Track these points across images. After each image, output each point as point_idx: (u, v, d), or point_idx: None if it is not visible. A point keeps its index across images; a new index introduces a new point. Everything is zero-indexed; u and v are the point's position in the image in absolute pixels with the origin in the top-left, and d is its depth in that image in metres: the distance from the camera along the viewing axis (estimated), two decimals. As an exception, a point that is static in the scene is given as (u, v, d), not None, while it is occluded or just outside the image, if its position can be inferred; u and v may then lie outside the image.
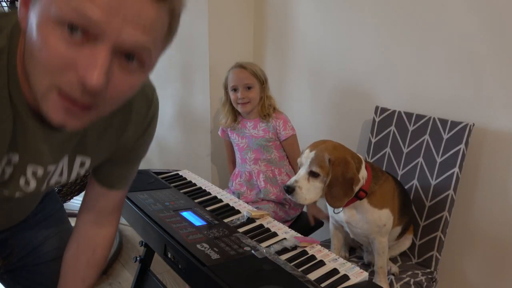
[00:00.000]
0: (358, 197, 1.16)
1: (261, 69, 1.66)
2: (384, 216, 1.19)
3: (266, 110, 1.64)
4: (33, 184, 0.67)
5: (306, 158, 1.14)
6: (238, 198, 1.63)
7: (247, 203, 1.59)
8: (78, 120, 0.54)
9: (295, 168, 1.66)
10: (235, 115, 1.70)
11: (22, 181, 0.66)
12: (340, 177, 1.09)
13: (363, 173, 1.15)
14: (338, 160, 1.10)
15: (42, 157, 0.64)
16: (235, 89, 1.62)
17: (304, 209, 1.72)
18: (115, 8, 0.47)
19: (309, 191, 1.12)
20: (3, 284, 0.98)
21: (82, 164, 0.72)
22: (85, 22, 0.47)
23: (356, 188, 1.13)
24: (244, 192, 1.68)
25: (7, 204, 0.74)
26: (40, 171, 0.66)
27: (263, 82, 1.65)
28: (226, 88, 1.68)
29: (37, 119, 0.58)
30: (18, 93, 0.55)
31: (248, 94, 1.61)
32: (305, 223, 1.66)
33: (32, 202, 0.86)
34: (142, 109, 0.73)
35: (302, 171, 1.14)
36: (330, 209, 1.28)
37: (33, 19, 0.49)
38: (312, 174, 1.12)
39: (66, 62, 0.48)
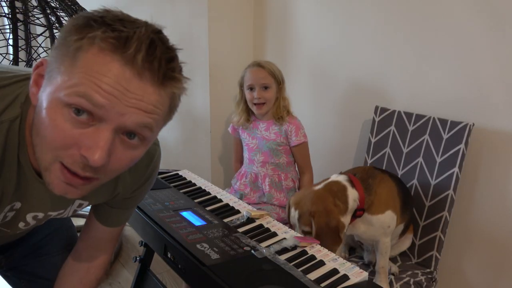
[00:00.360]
0: (357, 216, 1.17)
1: (279, 69, 1.62)
2: (387, 218, 1.19)
3: (281, 112, 1.61)
4: (32, 223, 0.72)
5: (293, 218, 1.17)
6: (241, 199, 1.63)
7: (249, 204, 1.59)
8: (78, 190, 0.58)
9: (301, 176, 1.67)
10: (249, 114, 1.67)
11: (21, 224, 0.71)
12: (324, 228, 1.10)
13: (354, 196, 1.16)
14: (319, 212, 1.11)
15: (45, 207, 0.70)
16: (251, 88, 1.58)
17: None
18: (119, 95, 0.51)
19: None
20: (8, 281, 0.98)
21: (80, 205, 0.77)
22: (92, 107, 0.51)
23: (345, 219, 1.14)
24: (248, 194, 1.66)
25: (10, 233, 0.78)
26: (40, 215, 0.71)
27: (280, 83, 1.61)
28: (241, 86, 1.64)
29: (41, 179, 0.62)
30: (25, 158, 0.60)
31: (265, 95, 1.57)
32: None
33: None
34: (141, 164, 0.75)
35: (299, 232, 1.16)
36: None
37: (43, 99, 0.54)
38: (306, 233, 1.14)
39: (71, 141, 0.53)
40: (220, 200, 1.13)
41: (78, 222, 2.45)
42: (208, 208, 1.05)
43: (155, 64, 0.53)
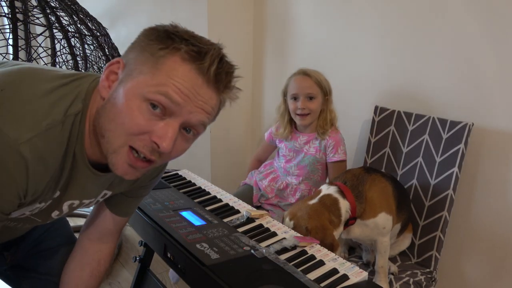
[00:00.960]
0: (349, 224, 1.18)
1: (326, 79, 1.53)
2: (381, 220, 1.20)
3: (326, 125, 1.52)
4: (65, 212, 0.79)
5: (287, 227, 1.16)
6: (260, 197, 1.60)
7: (262, 204, 1.55)
8: (137, 172, 0.68)
9: None
10: (292, 126, 1.59)
11: (55, 214, 0.78)
12: (320, 244, 1.10)
13: (346, 207, 1.16)
14: (315, 229, 1.10)
15: (82, 195, 0.77)
16: (295, 98, 1.49)
17: None
18: (192, 97, 0.64)
19: None
20: (7, 282, 0.98)
21: (104, 195, 0.84)
22: (169, 103, 0.63)
23: (337, 232, 1.14)
24: (271, 198, 1.62)
25: (40, 222, 0.82)
26: (76, 203, 0.78)
27: (326, 93, 1.51)
28: (285, 95, 1.56)
29: (90, 168, 0.72)
30: (81, 148, 0.68)
31: (310, 105, 1.48)
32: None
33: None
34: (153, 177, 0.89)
35: None
36: None
37: (120, 93, 0.64)
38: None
39: (145, 129, 0.64)
40: (220, 200, 1.13)
41: (78, 222, 2.45)
42: (208, 208, 1.05)
43: (222, 76, 0.67)
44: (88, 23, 1.68)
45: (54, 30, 1.55)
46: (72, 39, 1.58)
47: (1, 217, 0.63)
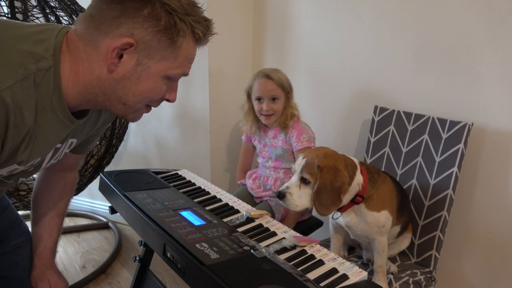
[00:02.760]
0: (355, 202, 1.16)
1: (287, 77, 1.62)
2: (382, 218, 1.19)
3: (287, 120, 1.61)
4: (44, 165, 0.85)
5: (298, 165, 1.14)
6: (252, 195, 1.68)
7: (263, 197, 1.60)
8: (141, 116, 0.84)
9: None
10: (259, 123, 1.69)
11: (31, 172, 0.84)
12: (328, 185, 1.08)
13: (359, 179, 1.15)
14: (327, 167, 1.09)
15: (55, 142, 0.82)
16: (259, 99, 1.59)
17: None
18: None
19: (300, 198, 1.11)
20: None
21: (70, 144, 0.91)
22: (182, 76, 0.82)
23: (347, 197, 1.13)
24: (259, 192, 1.69)
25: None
26: (50, 155, 0.84)
27: (288, 92, 1.61)
28: (249, 95, 1.64)
29: (71, 118, 0.78)
30: (59, 101, 0.73)
31: (273, 106, 1.57)
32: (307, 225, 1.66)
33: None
34: (107, 118, 0.99)
35: (294, 178, 1.14)
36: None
37: (144, 75, 0.75)
38: (303, 181, 1.12)
39: (163, 96, 0.82)
40: (220, 200, 1.13)
41: (78, 221, 2.45)
42: (207, 208, 1.05)
43: (207, 39, 0.83)
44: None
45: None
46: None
47: None
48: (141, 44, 0.72)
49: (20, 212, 2.15)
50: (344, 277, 0.79)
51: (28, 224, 1.08)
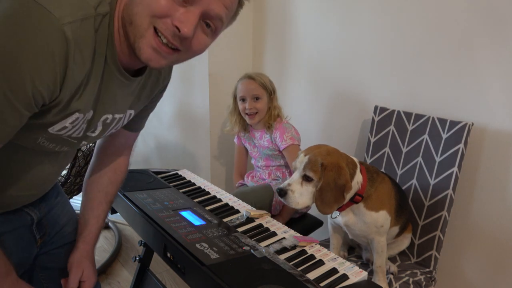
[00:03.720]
0: (354, 201, 1.15)
1: (270, 80, 1.69)
2: (381, 218, 1.19)
3: (271, 120, 1.67)
4: (99, 129, 0.82)
5: (300, 162, 1.13)
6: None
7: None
8: (161, 59, 0.70)
9: None
10: (245, 124, 1.75)
11: (90, 133, 0.80)
12: (331, 183, 1.08)
13: (358, 178, 1.14)
14: (331, 165, 1.09)
15: (116, 108, 0.80)
16: (243, 99, 1.66)
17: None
18: None
19: (301, 196, 1.10)
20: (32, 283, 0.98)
21: (129, 116, 0.89)
22: None
23: (348, 196, 1.12)
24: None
25: (55, 158, 0.85)
26: (109, 118, 0.81)
27: (271, 93, 1.68)
28: (235, 97, 1.72)
29: (122, 71, 0.74)
30: (112, 51, 0.70)
31: (256, 105, 1.64)
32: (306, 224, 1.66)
33: (67, 162, 0.96)
34: (166, 75, 0.95)
35: (296, 175, 1.13)
36: None
37: None
38: (306, 178, 1.11)
39: (167, 12, 0.66)
40: (220, 200, 1.13)
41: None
42: (207, 208, 1.05)
43: None
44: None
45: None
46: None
47: (28, 107, 0.60)
48: None
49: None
50: (344, 277, 0.79)
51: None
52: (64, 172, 1.66)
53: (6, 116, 0.59)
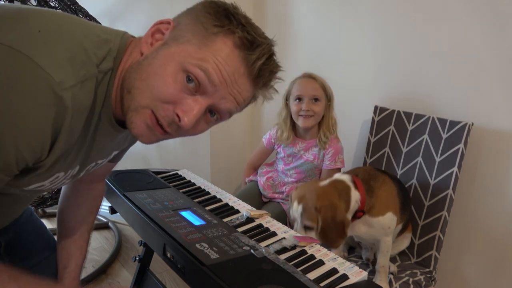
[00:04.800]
0: (356, 217, 1.17)
1: (329, 86, 1.55)
2: (388, 220, 1.20)
3: (329, 132, 1.52)
4: (81, 175, 0.77)
5: (296, 212, 1.15)
6: (261, 194, 1.65)
7: (275, 199, 1.60)
8: (153, 136, 0.66)
9: None
10: (293, 132, 1.59)
11: (69, 181, 0.75)
12: (330, 222, 1.10)
13: (355, 197, 1.15)
14: (325, 207, 1.10)
15: (102, 154, 0.76)
16: (299, 99, 1.48)
17: None
18: (229, 82, 0.63)
19: None
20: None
21: (113, 155, 0.85)
22: (206, 81, 0.61)
23: (353, 209, 1.14)
24: (269, 192, 1.67)
25: (29, 195, 0.81)
26: (92, 166, 0.77)
27: (329, 99, 1.52)
28: (287, 99, 1.55)
29: (116, 126, 0.69)
30: (108, 107, 0.66)
31: (314, 107, 1.47)
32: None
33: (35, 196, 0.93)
34: None
35: (298, 227, 1.15)
36: None
37: (161, 55, 0.62)
38: (307, 228, 1.13)
39: (172, 99, 0.62)
40: (220, 200, 1.12)
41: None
42: (207, 208, 1.05)
43: (265, 73, 0.67)
44: (88, 23, 1.67)
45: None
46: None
47: (9, 172, 0.54)
48: (177, 26, 0.64)
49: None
50: (344, 277, 0.79)
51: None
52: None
53: None
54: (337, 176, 1.21)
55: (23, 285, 0.62)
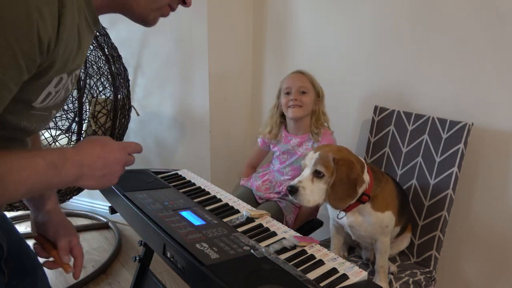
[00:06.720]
0: (361, 201, 1.15)
1: (320, 85, 1.58)
2: (386, 218, 1.19)
3: (320, 124, 1.54)
4: (70, 88, 0.76)
5: (310, 159, 1.12)
6: (255, 197, 1.64)
7: (271, 198, 1.59)
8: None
9: None
10: (280, 128, 1.62)
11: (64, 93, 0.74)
12: (344, 178, 1.08)
13: (366, 177, 1.14)
14: (343, 160, 1.09)
15: (82, 60, 0.75)
16: (288, 92, 1.52)
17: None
18: None
19: (313, 193, 1.09)
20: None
21: (75, 76, 0.80)
22: None
23: (360, 191, 1.12)
24: (264, 194, 1.67)
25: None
26: (77, 73, 0.76)
27: (318, 94, 1.55)
28: (278, 97, 1.59)
29: (98, 22, 0.72)
30: (90, 5, 0.68)
31: (302, 98, 1.50)
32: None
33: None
34: None
35: (306, 172, 1.11)
36: (332, 213, 1.28)
37: None
38: (317, 174, 1.09)
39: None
40: (220, 200, 1.13)
41: (78, 222, 2.45)
42: (207, 208, 1.05)
43: None
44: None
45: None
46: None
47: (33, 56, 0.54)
48: None
49: (20, 212, 2.15)
50: (344, 277, 0.79)
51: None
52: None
53: (11, 72, 0.53)
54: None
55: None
